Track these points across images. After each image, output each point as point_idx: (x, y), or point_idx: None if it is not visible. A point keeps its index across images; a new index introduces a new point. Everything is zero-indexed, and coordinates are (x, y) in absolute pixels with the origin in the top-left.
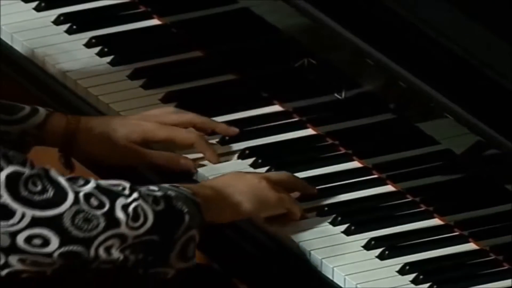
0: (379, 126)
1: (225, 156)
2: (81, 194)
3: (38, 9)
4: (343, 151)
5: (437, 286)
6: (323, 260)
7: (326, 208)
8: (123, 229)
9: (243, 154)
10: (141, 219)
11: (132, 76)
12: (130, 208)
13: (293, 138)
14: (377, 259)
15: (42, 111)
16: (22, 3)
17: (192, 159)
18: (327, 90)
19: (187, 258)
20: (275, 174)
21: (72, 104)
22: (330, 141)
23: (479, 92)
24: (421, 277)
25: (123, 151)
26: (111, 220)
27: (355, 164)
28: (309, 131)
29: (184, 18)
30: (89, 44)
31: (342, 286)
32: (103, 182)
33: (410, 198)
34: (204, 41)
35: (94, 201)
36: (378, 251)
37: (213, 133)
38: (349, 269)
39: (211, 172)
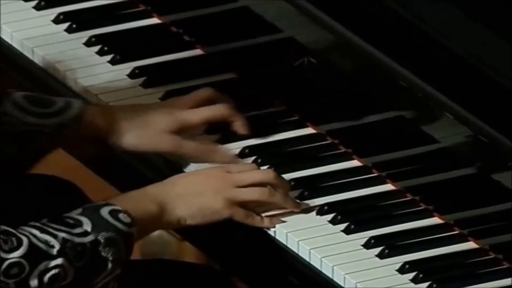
0: (378, 125)
1: None
2: (4, 265)
3: (38, 8)
4: (342, 150)
5: (436, 285)
6: (323, 259)
7: (325, 207)
8: None
9: (243, 153)
10: (60, 282)
11: (132, 75)
12: (47, 276)
13: (293, 137)
14: (376, 258)
15: (76, 103)
16: (22, 1)
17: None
18: (327, 89)
19: None
20: (250, 175)
21: None
22: (329, 140)
23: (479, 91)
24: (420, 276)
25: (162, 140)
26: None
27: (354, 163)
28: (309, 130)
29: (183, 17)
30: (88, 43)
31: (342, 285)
32: (35, 240)
33: (409, 197)
34: (203, 40)
35: (14, 270)
36: (377, 250)
37: (210, 131)
38: (348, 268)
39: None
